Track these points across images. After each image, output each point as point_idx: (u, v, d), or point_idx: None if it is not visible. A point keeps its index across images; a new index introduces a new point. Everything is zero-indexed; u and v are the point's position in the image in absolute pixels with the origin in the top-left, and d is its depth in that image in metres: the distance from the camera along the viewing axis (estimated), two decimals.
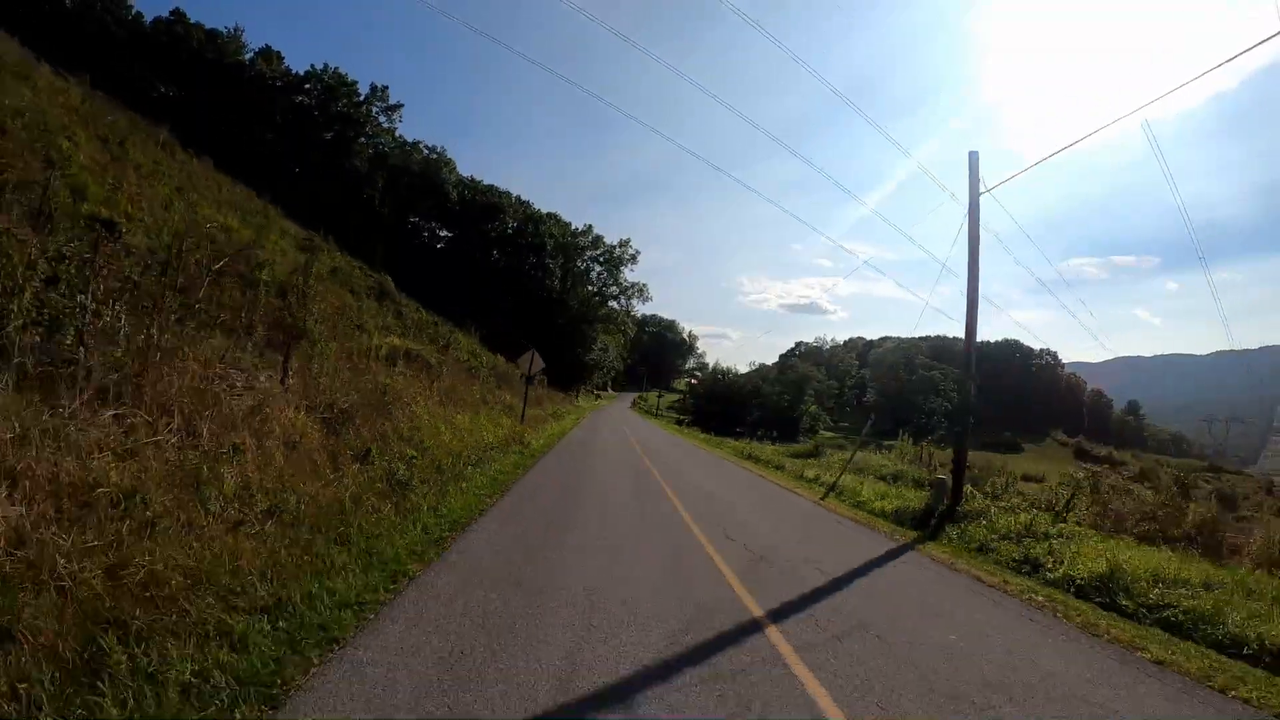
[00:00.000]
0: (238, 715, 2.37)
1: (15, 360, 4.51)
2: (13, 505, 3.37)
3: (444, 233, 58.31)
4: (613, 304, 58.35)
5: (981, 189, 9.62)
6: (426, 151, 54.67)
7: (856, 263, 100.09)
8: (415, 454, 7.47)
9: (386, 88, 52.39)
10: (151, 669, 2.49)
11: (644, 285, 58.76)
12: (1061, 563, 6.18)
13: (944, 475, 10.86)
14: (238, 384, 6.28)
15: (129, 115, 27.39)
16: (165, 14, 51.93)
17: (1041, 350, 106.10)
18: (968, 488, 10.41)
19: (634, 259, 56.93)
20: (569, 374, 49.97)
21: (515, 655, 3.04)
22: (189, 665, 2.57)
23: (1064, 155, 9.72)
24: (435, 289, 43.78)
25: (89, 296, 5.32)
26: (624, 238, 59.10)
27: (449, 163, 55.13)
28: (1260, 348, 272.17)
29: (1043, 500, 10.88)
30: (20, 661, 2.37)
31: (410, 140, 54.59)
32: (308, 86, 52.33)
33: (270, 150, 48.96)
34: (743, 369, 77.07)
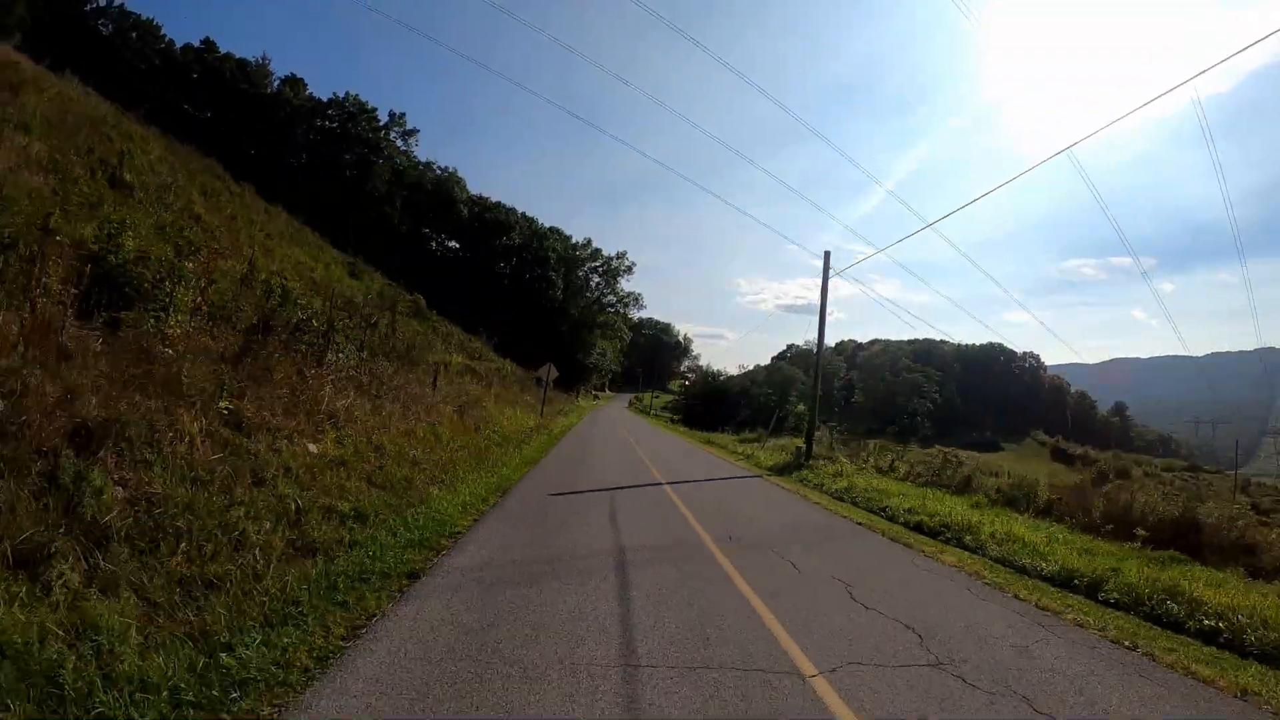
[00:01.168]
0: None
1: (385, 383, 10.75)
2: (387, 434, 9.61)
3: (452, 244, 64.63)
4: (610, 311, 64.60)
5: (832, 273, 15.92)
6: (439, 171, 60.99)
7: (851, 264, 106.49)
8: (497, 430, 13.70)
9: (404, 115, 58.71)
10: (465, 481, 8.74)
11: (639, 294, 65.22)
12: (835, 486, 12.40)
13: (830, 448, 17.27)
14: (414, 389, 12.51)
15: (192, 150, 33.32)
16: (196, 42, 58.12)
17: (1024, 354, 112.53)
18: (841, 457, 16.77)
19: (630, 270, 63.35)
20: (570, 376, 56.14)
21: (577, 480, 9.31)
22: (481, 478, 8.83)
23: (1063, 157, 15.78)
24: (447, 297, 49.94)
25: (364, 350, 11.59)
26: (621, 250, 65.52)
27: (460, 181, 61.44)
28: (1256, 349, 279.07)
29: (882, 464, 17.18)
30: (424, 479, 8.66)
31: (425, 161, 60.93)
32: (330, 113, 58.53)
33: (297, 171, 55.26)
34: (739, 369, 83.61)
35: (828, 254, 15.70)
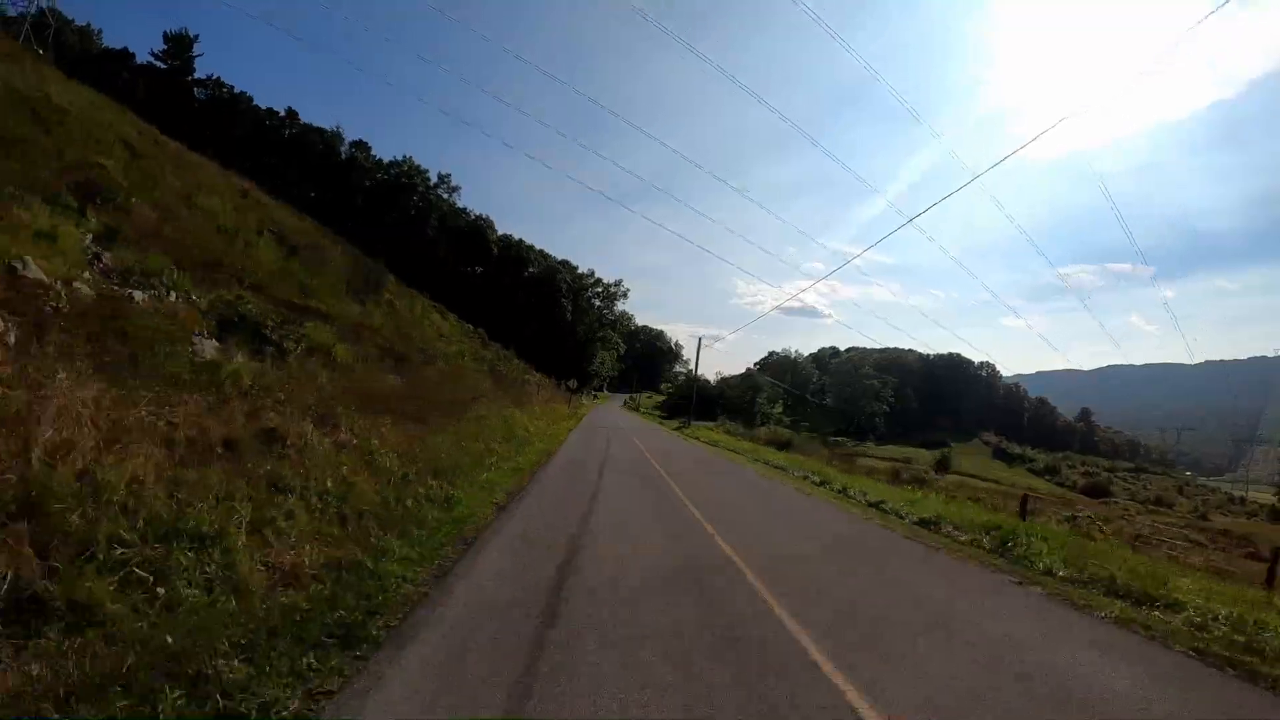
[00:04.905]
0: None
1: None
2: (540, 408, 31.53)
3: (479, 269, 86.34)
4: (608, 328, 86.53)
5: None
6: (474, 216, 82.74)
7: (849, 267, 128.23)
8: (559, 412, 35.46)
9: (450, 174, 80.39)
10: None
11: (631, 315, 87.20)
12: (688, 432, 34.02)
13: (711, 423, 39.45)
14: (530, 395, 34.32)
15: (315, 223, 54.61)
16: (279, 110, 79.76)
17: (981, 363, 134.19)
18: (701, 425, 38.76)
19: (625, 295, 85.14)
20: (577, 381, 77.90)
21: (599, 425, 31.24)
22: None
23: (1064, 160, 37.62)
24: (479, 316, 71.50)
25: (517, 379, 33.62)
26: (618, 278, 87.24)
27: (490, 224, 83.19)
28: (1250, 358, 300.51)
29: (728, 431, 39.09)
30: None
31: (462, 207, 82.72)
32: (392, 170, 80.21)
33: (357, 214, 77.18)
34: (716, 375, 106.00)
35: (700, 339, 37.28)
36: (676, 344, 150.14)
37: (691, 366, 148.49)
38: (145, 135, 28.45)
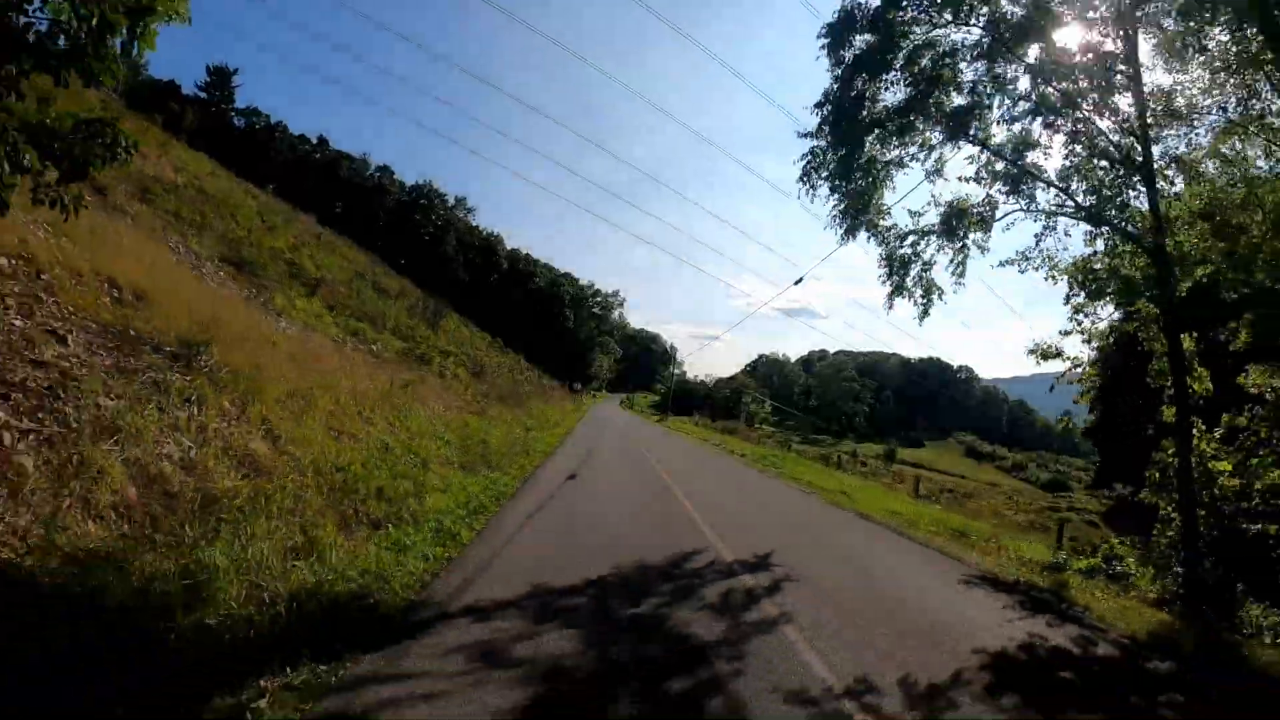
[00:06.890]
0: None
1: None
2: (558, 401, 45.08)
3: (492, 278, 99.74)
4: (605, 334, 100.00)
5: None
6: (486, 233, 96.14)
7: (849, 268, 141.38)
8: (568, 407, 48.88)
9: (465, 198, 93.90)
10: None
11: (626, 323, 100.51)
12: (666, 421, 47.37)
13: (685, 416, 53.21)
14: (548, 394, 47.81)
15: (376, 255, 68.04)
16: (312, 137, 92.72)
17: (960, 367, 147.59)
18: (677, 419, 52.36)
19: (622, 304, 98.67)
20: (580, 383, 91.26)
21: (599, 417, 44.80)
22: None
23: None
24: (492, 323, 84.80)
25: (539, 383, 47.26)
26: (616, 288, 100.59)
27: (500, 240, 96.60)
28: None
29: (698, 423, 52.68)
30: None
31: (475, 224, 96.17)
32: (412, 193, 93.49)
33: (380, 229, 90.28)
34: (706, 376, 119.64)
35: (676, 351, 50.76)
36: (671, 346, 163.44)
37: (684, 368, 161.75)
38: (254, 198, 41.66)
